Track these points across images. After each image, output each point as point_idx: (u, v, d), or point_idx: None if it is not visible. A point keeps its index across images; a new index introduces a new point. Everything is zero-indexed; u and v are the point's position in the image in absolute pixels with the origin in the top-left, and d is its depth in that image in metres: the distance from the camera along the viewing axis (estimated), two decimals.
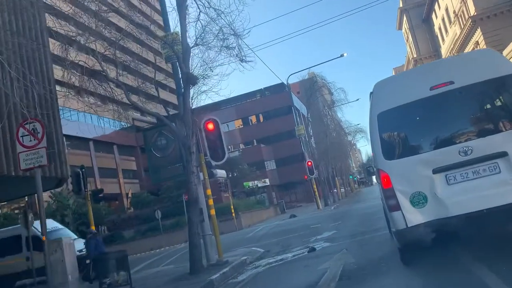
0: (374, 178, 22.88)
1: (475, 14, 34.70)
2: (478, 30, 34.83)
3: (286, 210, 40.63)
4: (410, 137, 5.88)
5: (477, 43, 35.22)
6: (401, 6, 53.41)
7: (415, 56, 52.10)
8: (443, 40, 46.16)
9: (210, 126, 11.26)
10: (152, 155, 12.32)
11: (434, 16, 47.94)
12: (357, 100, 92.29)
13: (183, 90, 10.91)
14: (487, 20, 34.28)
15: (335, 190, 51.86)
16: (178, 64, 10.99)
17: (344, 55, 41.03)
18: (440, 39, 47.44)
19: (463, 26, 37.22)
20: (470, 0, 35.41)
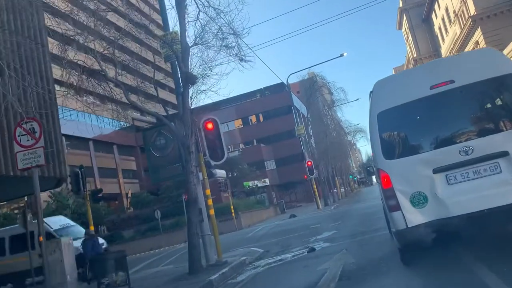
0: (374, 178, 22.84)
1: (475, 13, 34.69)
2: (478, 30, 34.82)
3: (286, 210, 40.61)
4: (410, 136, 5.85)
5: (477, 42, 35.20)
6: (401, 6, 53.42)
7: (415, 56, 52.10)
8: (443, 40, 46.14)
9: (209, 125, 11.22)
10: (151, 155, 12.29)
11: (434, 16, 47.92)
12: (357, 100, 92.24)
13: (182, 89, 10.89)
14: (487, 19, 34.27)
15: (335, 190, 51.84)
16: (177, 63, 10.96)
17: (344, 55, 41.12)
18: (440, 39, 47.42)
19: (463, 26, 37.20)
20: (470, 0, 35.38)
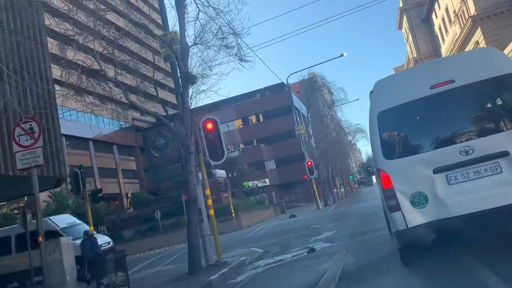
0: (374, 178, 22.82)
1: (475, 13, 34.67)
2: (478, 30, 34.81)
3: (286, 210, 40.59)
4: (410, 136, 5.82)
5: (477, 42, 35.18)
6: (401, 6, 53.42)
7: (415, 56, 52.10)
8: (443, 40, 46.12)
9: (209, 125, 11.19)
10: (151, 155, 12.27)
11: (434, 16, 47.91)
12: (357, 100, 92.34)
13: (181, 89, 10.87)
14: (487, 19, 34.26)
15: (335, 190, 51.81)
16: (177, 63, 10.94)
17: (344, 55, 41.06)
18: (440, 39, 47.41)
19: (463, 26, 37.19)
20: (470, 0, 35.36)
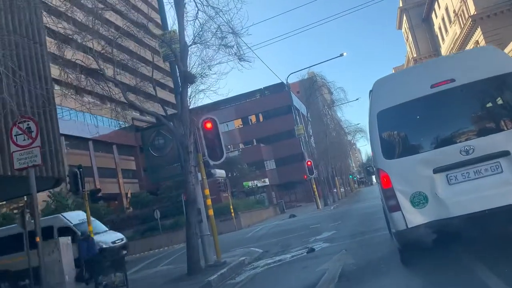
0: (374, 178, 22.78)
1: (475, 13, 34.64)
2: (478, 30, 34.77)
3: (286, 210, 40.57)
4: (410, 136, 5.78)
5: (477, 42, 35.14)
6: (401, 5, 53.40)
7: (415, 55, 52.07)
8: (443, 39, 46.10)
9: (208, 125, 11.15)
10: (150, 154, 12.23)
11: (434, 15, 47.88)
12: (356, 99, 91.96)
13: (181, 89, 10.83)
14: (487, 19, 34.23)
15: (335, 190, 51.79)
16: (176, 62, 10.89)
17: (344, 55, 40.98)
18: (440, 39, 47.38)
19: (463, 25, 37.16)
20: (470, 0, 35.33)
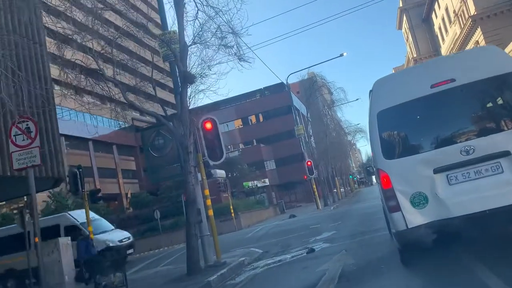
0: (374, 178, 22.77)
1: (475, 13, 34.63)
2: (478, 30, 34.76)
3: (286, 210, 40.55)
4: (410, 136, 5.77)
5: (477, 42, 35.13)
6: (401, 5, 53.38)
7: (415, 55, 52.05)
8: (443, 39, 46.08)
9: (208, 125, 11.12)
10: (150, 155, 12.22)
11: (434, 15, 47.87)
12: (356, 99, 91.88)
13: (180, 89, 10.81)
14: (487, 19, 34.21)
15: (335, 190, 51.74)
16: (176, 62, 10.88)
17: (344, 55, 40.95)
18: (440, 39, 47.36)
19: (463, 25, 37.14)
20: (470, 0, 35.32)
